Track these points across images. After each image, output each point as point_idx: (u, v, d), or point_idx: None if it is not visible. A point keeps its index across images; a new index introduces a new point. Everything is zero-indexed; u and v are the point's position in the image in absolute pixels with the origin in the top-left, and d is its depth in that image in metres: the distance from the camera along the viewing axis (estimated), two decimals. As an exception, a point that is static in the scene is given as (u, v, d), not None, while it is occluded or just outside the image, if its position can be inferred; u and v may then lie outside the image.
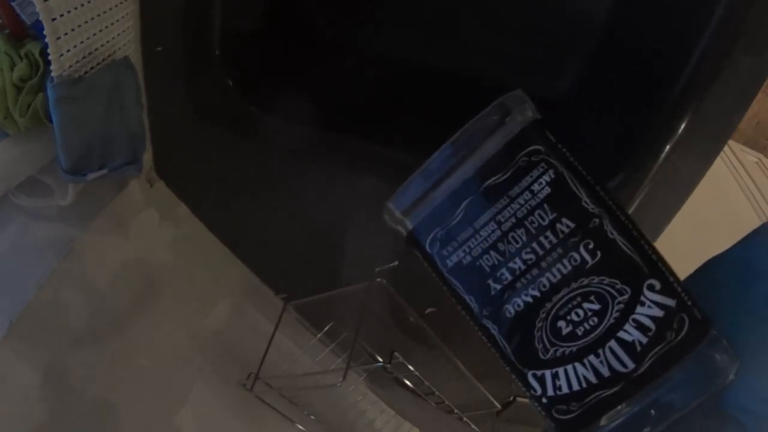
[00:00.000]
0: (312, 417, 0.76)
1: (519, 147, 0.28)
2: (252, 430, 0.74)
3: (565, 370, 0.26)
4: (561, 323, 0.27)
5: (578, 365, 0.26)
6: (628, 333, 0.25)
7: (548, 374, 0.27)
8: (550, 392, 0.27)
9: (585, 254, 0.27)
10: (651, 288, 0.26)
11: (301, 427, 0.76)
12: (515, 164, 0.28)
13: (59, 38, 0.44)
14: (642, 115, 0.54)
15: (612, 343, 0.26)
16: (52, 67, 0.46)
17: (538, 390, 0.27)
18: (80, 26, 0.46)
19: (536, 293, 0.27)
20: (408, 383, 0.71)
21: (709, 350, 0.25)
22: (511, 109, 0.28)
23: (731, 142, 1.42)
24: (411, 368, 0.67)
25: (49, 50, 0.44)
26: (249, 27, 0.67)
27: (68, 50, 0.46)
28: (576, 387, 0.26)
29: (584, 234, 0.27)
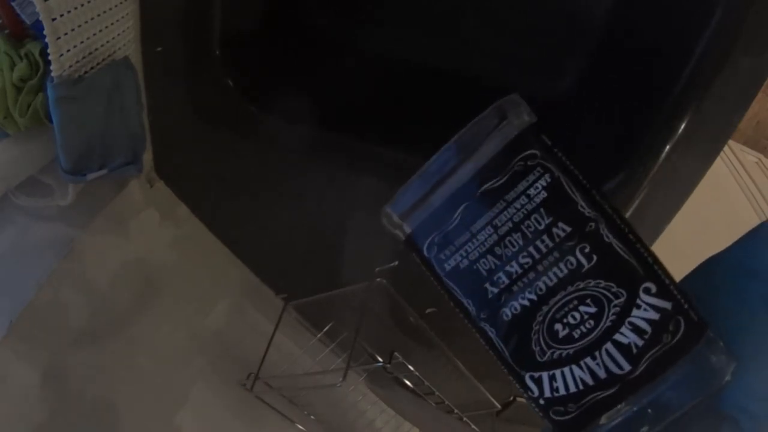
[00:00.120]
0: (312, 417, 0.76)
1: (515, 151, 0.28)
2: (252, 430, 0.74)
3: (562, 372, 0.27)
4: (558, 326, 0.27)
5: (575, 367, 0.26)
6: (624, 335, 0.26)
7: (545, 376, 0.27)
8: (548, 394, 0.27)
9: (581, 258, 0.27)
10: (647, 291, 0.26)
11: (301, 427, 0.76)
12: (511, 169, 0.28)
13: (59, 38, 0.45)
14: (642, 115, 0.54)
15: (608, 346, 0.26)
16: (52, 67, 0.46)
17: (536, 392, 0.27)
18: (80, 26, 0.46)
19: (533, 296, 0.27)
20: (408, 383, 0.71)
21: (705, 352, 0.25)
22: (507, 113, 0.28)
23: (731, 142, 1.42)
24: (411, 368, 0.67)
25: (49, 50, 0.45)
26: (249, 27, 0.67)
27: (68, 50, 0.46)
28: (573, 389, 0.26)
29: (580, 238, 0.27)
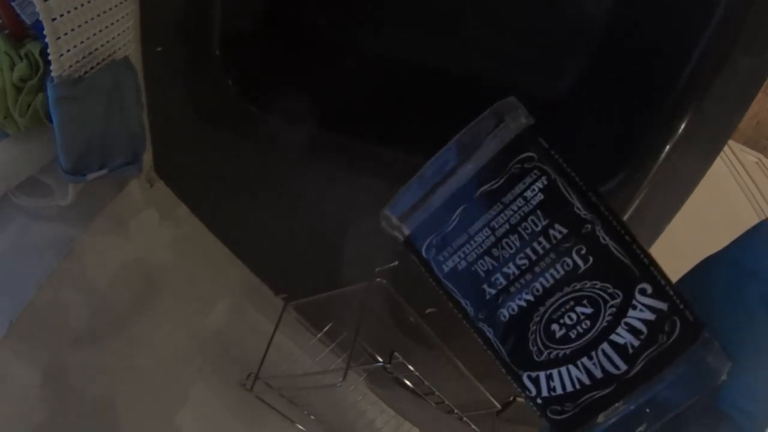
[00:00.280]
0: (312, 417, 0.76)
1: (512, 154, 0.28)
2: (252, 430, 0.74)
3: (559, 372, 0.27)
4: (554, 326, 0.27)
5: (572, 367, 0.27)
6: (620, 336, 0.26)
7: (542, 376, 0.27)
8: (545, 393, 0.27)
9: (577, 259, 0.27)
10: (643, 292, 0.26)
11: (301, 427, 0.76)
12: (508, 171, 0.28)
13: (59, 38, 0.45)
14: (642, 115, 0.54)
15: (604, 346, 0.26)
16: (52, 67, 0.46)
17: (533, 391, 0.28)
18: (80, 26, 0.46)
19: (530, 297, 0.28)
20: (408, 383, 0.71)
21: (701, 352, 0.25)
22: (504, 116, 0.29)
23: (731, 142, 1.42)
24: (411, 368, 0.67)
25: (49, 50, 0.45)
26: (249, 27, 0.67)
27: (68, 50, 0.46)
28: (570, 388, 0.27)
29: (577, 239, 0.27)
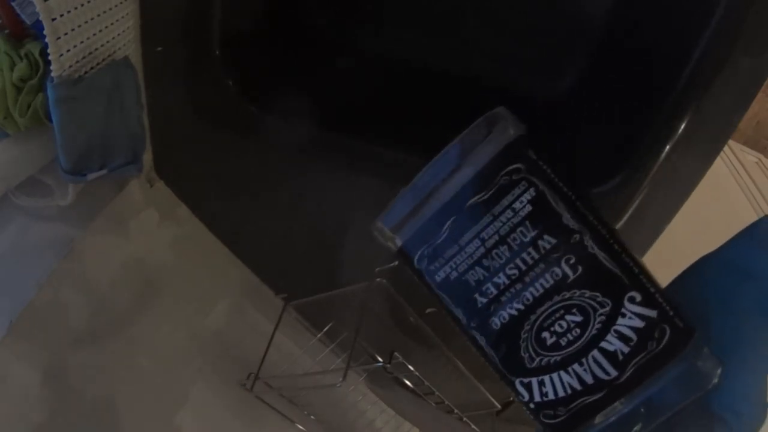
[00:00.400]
0: (312, 417, 0.76)
1: (500, 166, 0.29)
2: (252, 430, 0.74)
3: (551, 378, 0.27)
4: (545, 334, 0.28)
5: (563, 373, 0.27)
6: (610, 343, 0.26)
7: (535, 381, 0.28)
8: (537, 398, 0.28)
9: (566, 269, 0.27)
10: (632, 300, 0.26)
11: (301, 427, 0.76)
12: (497, 183, 0.29)
13: (59, 38, 0.44)
14: (642, 115, 0.54)
15: (595, 353, 0.27)
16: (52, 67, 0.46)
17: (526, 396, 0.28)
18: (80, 26, 0.46)
19: (520, 306, 0.28)
20: (408, 383, 0.71)
21: (691, 358, 0.25)
22: (493, 127, 0.29)
23: (731, 142, 1.42)
24: (411, 368, 0.67)
25: (49, 50, 0.44)
26: (249, 27, 0.67)
27: (68, 50, 0.46)
28: (561, 393, 0.27)
29: (565, 250, 0.27)
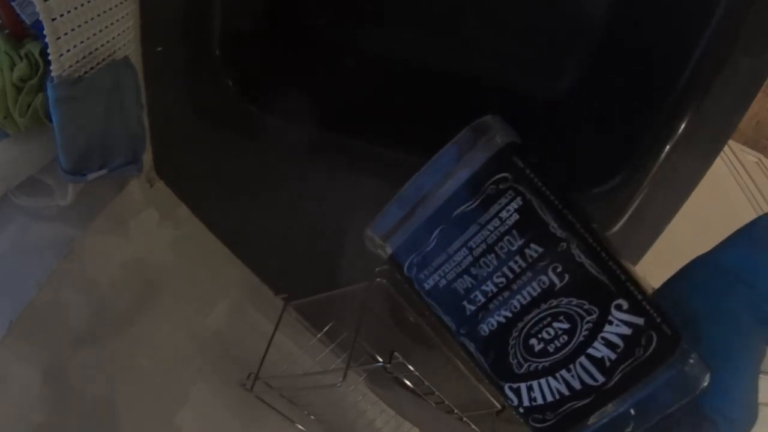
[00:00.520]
0: (312, 417, 0.76)
1: (487, 175, 0.29)
2: (252, 430, 0.74)
3: (539, 383, 0.28)
4: (533, 341, 0.28)
5: (551, 379, 0.28)
6: (597, 350, 0.27)
7: (523, 387, 0.28)
8: (526, 403, 0.28)
9: (553, 277, 0.28)
10: (619, 308, 0.27)
11: (301, 427, 0.76)
12: (484, 192, 0.29)
13: (59, 38, 0.44)
14: (642, 115, 0.54)
15: (582, 359, 0.27)
16: (52, 67, 0.45)
17: (515, 401, 0.29)
18: (80, 26, 0.46)
19: (508, 314, 0.29)
20: (408, 383, 0.71)
21: (679, 364, 0.26)
22: (481, 136, 0.29)
23: (731, 142, 1.42)
24: (411, 368, 0.67)
25: (49, 50, 0.44)
26: (249, 27, 0.67)
27: (68, 50, 0.46)
28: (550, 398, 0.28)
29: (552, 258, 0.28)
